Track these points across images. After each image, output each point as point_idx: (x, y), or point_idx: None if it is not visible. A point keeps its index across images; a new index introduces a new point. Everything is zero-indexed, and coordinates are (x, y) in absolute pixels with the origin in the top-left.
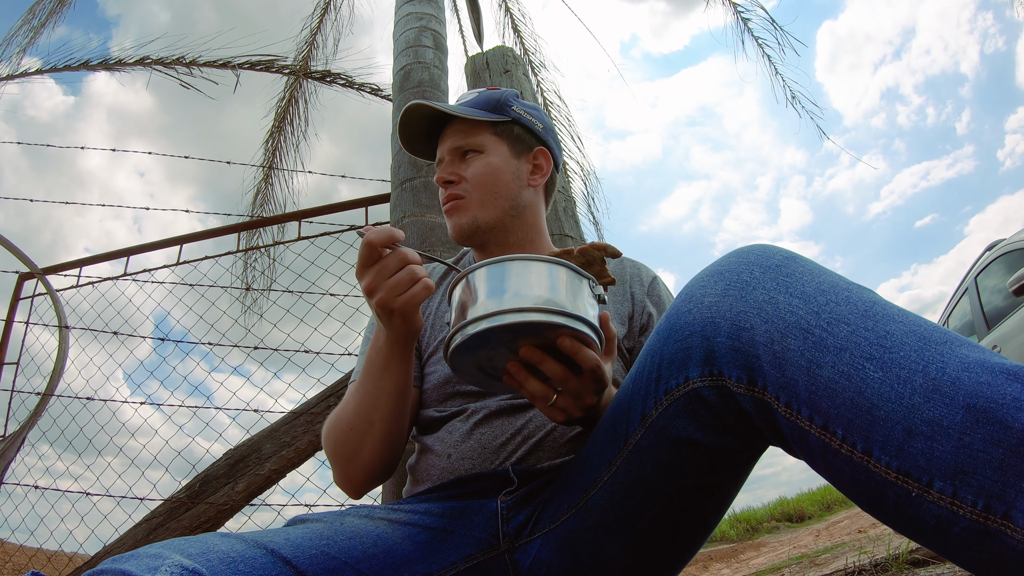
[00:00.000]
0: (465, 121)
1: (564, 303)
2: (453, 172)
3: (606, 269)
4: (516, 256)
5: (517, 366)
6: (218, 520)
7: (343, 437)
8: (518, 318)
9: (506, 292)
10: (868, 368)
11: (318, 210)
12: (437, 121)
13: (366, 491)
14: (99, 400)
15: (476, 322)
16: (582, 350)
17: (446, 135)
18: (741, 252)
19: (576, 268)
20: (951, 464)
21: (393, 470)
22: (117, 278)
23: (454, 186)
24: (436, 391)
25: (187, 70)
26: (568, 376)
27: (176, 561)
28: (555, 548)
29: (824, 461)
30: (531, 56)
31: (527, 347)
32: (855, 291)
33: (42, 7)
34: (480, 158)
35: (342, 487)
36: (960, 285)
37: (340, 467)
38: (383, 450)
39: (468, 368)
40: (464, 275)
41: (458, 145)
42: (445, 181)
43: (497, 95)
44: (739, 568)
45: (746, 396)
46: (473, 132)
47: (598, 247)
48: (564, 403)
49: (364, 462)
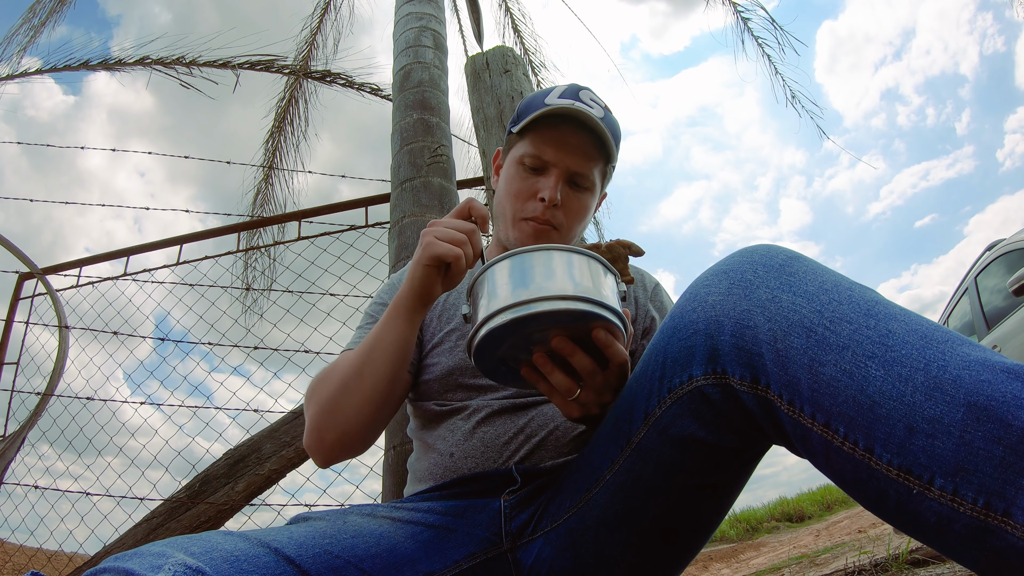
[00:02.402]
0: (596, 147)
1: (599, 294)
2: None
3: (628, 267)
4: (556, 246)
5: (543, 358)
6: (218, 520)
7: (330, 388)
8: (559, 305)
9: (543, 280)
10: (870, 366)
11: (318, 210)
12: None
13: (334, 458)
14: (99, 400)
15: (511, 308)
16: (614, 344)
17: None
18: (745, 252)
19: (605, 262)
20: (952, 462)
21: (365, 446)
22: (117, 278)
23: (554, 211)
24: (439, 382)
25: (187, 70)
26: (596, 370)
27: (179, 559)
28: (557, 547)
29: (826, 459)
30: (531, 56)
31: (559, 337)
32: (857, 290)
33: (42, 6)
34: (588, 197)
35: (312, 448)
36: (960, 285)
37: (318, 422)
38: (367, 408)
39: (491, 360)
40: (490, 265)
41: (580, 171)
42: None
43: (618, 129)
44: (739, 568)
45: (749, 394)
46: (595, 162)
47: (623, 244)
48: (586, 397)
49: (345, 417)
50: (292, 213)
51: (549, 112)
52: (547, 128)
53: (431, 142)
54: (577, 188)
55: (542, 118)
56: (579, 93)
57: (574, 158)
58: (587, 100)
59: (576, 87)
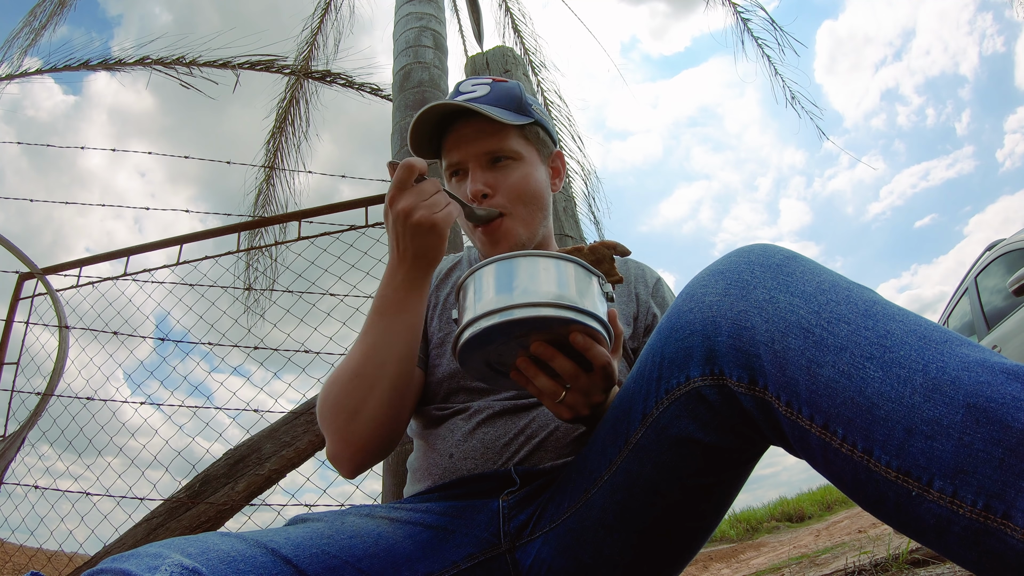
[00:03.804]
0: (490, 122)
1: (576, 299)
2: (488, 183)
3: (615, 267)
4: (527, 252)
5: (526, 362)
6: (218, 520)
7: (348, 386)
8: (531, 312)
9: (517, 288)
10: (868, 367)
11: (318, 210)
12: (444, 120)
13: (364, 464)
14: (99, 400)
15: (488, 316)
16: (594, 347)
17: (464, 136)
18: (742, 251)
19: (586, 265)
20: (951, 463)
21: (390, 447)
22: (117, 278)
23: (489, 199)
24: (439, 384)
25: (187, 70)
26: (578, 373)
27: (176, 560)
28: (556, 548)
29: (824, 460)
30: (531, 56)
31: (538, 343)
32: (856, 290)
33: (43, 9)
34: (518, 167)
35: (337, 458)
36: (960, 285)
37: (341, 425)
38: (392, 402)
39: (477, 363)
40: (473, 271)
41: (489, 150)
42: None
43: (515, 91)
44: (739, 568)
45: (747, 395)
46: (502, 135)
47: (607, 245)
48: (573, 400)
49: (371, 415)
50: (293, 213)
51: (425, 119)
52: (446, 135)
53: None
54: (500, 165)
55: (427, 130)
56: (459, 87)
57: (476, 144)
58: (468, 88)
59: (457, 83)
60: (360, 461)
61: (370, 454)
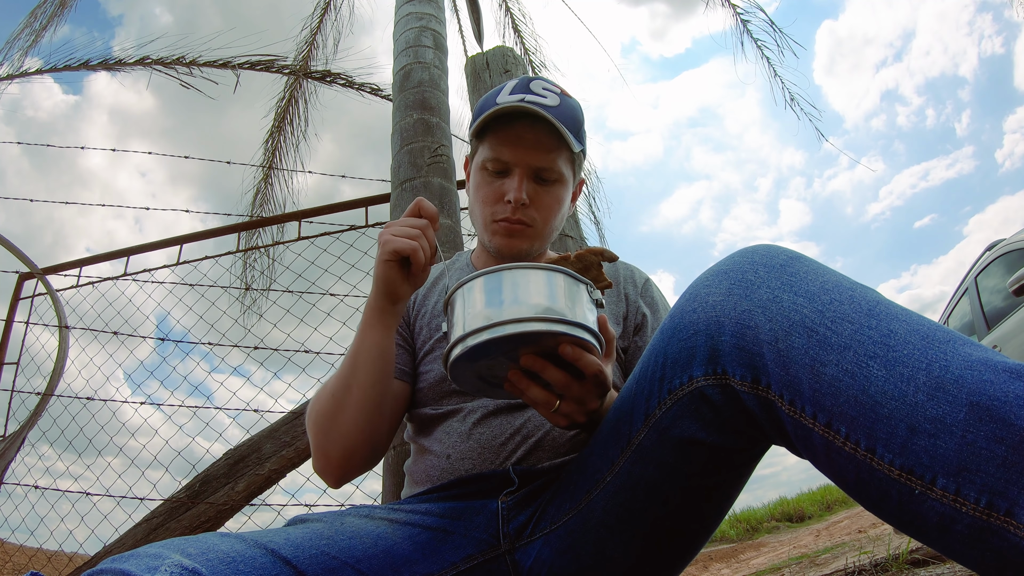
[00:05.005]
0: (552, 136)
1: (563, 310)
2: (529, 194)
3: (603, 273)
4: (514, 264)
5: (518, 374)
6: (218, 520)
7: (322, 405)
8: (518, 328)
9: (504, 302)
10: (872, 366)
11: (318, 210)
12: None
13: (344, 476)
14: (99, 400)
15: (475, 334)
16: (584, 356)
17: (524, 140)
18: (745, 252)
19: (573, 274)
20: (954, 462)
21: (373, 460)
22: (117, 278)
23: (524, 210)
24: (432, 389)
25: (187, 70)
26: (570, 382)
27: (176, 561)
28: (556, 549)
29: (827, 459)
30: (531, 56)
31: (528, 356)
32: (859, 290)
33: (43, 10)
34: (557, 189)
35: (321, 470)
36: (960, 285)
37: (319, 442)
38: (359, 419)
39: (468, 378)
40: (461, 284)
41: (543, 165)
42: (521, 204)
43: (579, 114)
44: (739, 568)
45: (750, 394)
46: (557, 153)
47: (595, 252)
48: (567, 408)
49: (342, 432)
50: (292, 213)
51: (499, 112)
52: (502, 128)
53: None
54: (544, 182)
55: (494, 119)
56: (530, 85)
57: (533, 154)
58: (539, 91)
59: (527, 79)
60: (340, 475)
61: (350, 466)
